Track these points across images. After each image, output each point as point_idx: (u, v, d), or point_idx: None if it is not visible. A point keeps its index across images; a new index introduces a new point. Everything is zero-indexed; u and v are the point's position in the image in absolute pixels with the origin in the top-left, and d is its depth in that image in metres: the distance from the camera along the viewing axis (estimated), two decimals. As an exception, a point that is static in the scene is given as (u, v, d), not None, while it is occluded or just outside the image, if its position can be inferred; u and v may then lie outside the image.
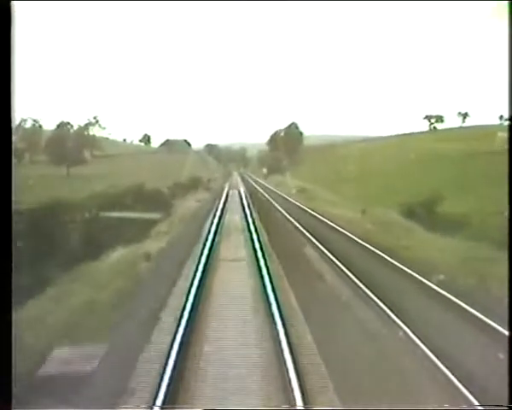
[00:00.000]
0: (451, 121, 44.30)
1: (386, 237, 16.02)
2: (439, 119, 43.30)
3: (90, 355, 6.81)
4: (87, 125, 39.71)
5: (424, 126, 44.03)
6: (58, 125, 36.32)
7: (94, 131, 40.05)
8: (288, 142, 44.92)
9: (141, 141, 48.89)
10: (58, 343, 7.27)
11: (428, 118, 43.89)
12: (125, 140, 48.76)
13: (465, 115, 40.40)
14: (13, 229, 3.96)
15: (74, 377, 6.25)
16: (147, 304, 9.76)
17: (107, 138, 41.51)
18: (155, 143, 48.96)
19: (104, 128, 40.23)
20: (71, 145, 35.20)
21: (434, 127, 42.77)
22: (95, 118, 39.65)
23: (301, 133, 45.88)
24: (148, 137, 48.76)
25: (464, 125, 40.74)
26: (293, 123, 45.81)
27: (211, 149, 53.65)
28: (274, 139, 46.86)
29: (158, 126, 70.04)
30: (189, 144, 48.37)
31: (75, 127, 38.07)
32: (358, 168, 32.10)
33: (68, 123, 36.92)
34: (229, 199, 31.37)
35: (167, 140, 48.43)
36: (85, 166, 34.87)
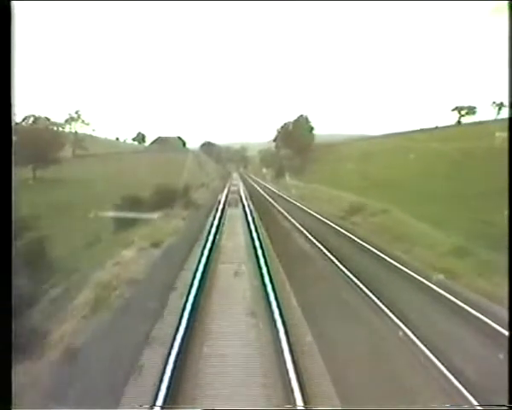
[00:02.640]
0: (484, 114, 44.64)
1: None
2: (471, 110, 43.68)
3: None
4: (67, 121, 40.29)
5: (428, 124, 44.60)
6: (34, 120, 36.40)
7: (76, 127, 40.74)
8: (297, 137, 43.93)
9: (134, 140, 50.09)
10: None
11: (459, 109, 44.34)
12: (117, 139, 50.08)
13: (500, 106, 40.67)
14: (13, 229, 4.53)
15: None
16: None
17: (95, 137, 42.20)
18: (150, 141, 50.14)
19: (88, 124, 40.90)
20: (42, 143, 33.53)
21: (459, 121, 43.14)
22: (77, 112, 40.36)
23: (312, 128, 45.01)
24: (143, 136, 49.92)
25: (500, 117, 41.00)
26: (302, 116, 45.09)
27: (208, 147, 54.07)
28: (281, 135, 45.72)
29: (155, 125, 71.70)
30: (183, 142, 48.94)
31: (55, 123, 38.32)
32: (392, 169, 30.46)
33: (47, 118, 37.08)
34: (222, 245, 16.90)
35: (159, 137, 49.00)
36: (60, 167, 33.67)
